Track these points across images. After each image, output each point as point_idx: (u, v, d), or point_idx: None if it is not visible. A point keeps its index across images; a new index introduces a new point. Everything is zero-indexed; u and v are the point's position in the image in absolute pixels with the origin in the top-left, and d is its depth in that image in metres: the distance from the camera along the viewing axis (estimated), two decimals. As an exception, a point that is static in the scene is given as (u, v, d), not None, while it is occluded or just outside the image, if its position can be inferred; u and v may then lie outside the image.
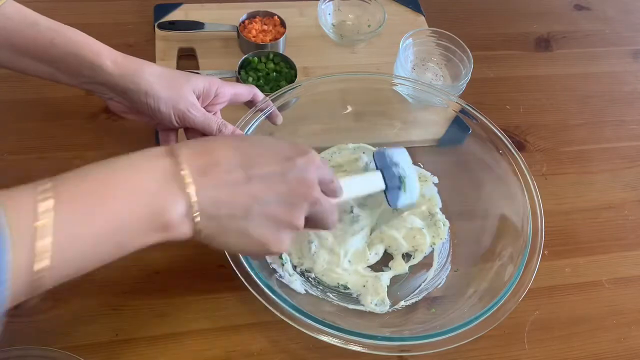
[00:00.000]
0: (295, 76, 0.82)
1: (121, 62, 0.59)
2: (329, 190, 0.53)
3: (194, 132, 0.64)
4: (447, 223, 0.71)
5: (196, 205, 0.44)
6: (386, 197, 0.63)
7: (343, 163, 0.74)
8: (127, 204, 0.42)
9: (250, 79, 0.81)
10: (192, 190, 0.44)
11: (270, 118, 0.69)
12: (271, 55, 0.83)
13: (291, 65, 0.83)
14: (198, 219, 0.44)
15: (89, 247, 0.41)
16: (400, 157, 0.64)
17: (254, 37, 0.84)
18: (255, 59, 0.82)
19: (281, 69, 0.83)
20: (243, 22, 0.86)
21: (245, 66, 0.82)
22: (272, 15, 0.87)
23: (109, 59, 0.59)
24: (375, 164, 0.65)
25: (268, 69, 0.82)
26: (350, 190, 0.58)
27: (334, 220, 0.53)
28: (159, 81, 0.60)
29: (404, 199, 0.63)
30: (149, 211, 0.42)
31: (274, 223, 0.48)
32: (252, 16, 0.87)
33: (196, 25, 0.85)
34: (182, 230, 0.44)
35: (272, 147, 0.50)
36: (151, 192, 0.43)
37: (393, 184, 0.62)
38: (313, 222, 0.52)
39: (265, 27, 0.86)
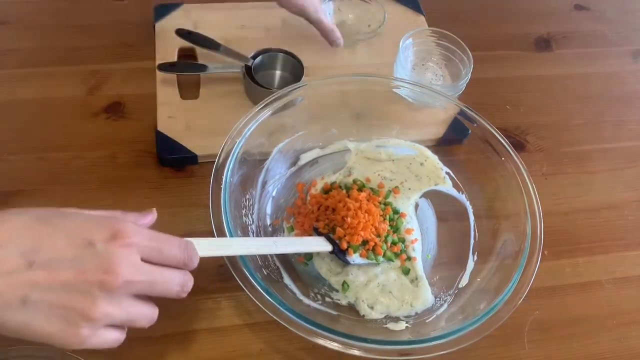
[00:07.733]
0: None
1: None
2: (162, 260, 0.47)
3: None
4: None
5: None
6: (338, 257, 0.64)
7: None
8: None
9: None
10: None
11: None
12: None
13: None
14: None
15: None
16: None
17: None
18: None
19: None
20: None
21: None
22: None
23: None
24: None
25: None
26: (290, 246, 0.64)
27: (175, 289, 0.48)
28: None
29: (356, 258, 0.64)
30: None
31: (62, 315, 0.42)
32: None
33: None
34: None
35: (70, 227, 0.44)
36: None
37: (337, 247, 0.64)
38: (154, 296, 0.47)
39: None
